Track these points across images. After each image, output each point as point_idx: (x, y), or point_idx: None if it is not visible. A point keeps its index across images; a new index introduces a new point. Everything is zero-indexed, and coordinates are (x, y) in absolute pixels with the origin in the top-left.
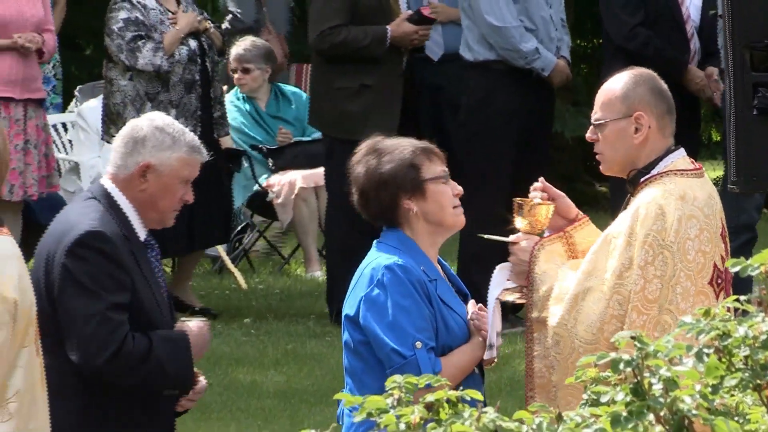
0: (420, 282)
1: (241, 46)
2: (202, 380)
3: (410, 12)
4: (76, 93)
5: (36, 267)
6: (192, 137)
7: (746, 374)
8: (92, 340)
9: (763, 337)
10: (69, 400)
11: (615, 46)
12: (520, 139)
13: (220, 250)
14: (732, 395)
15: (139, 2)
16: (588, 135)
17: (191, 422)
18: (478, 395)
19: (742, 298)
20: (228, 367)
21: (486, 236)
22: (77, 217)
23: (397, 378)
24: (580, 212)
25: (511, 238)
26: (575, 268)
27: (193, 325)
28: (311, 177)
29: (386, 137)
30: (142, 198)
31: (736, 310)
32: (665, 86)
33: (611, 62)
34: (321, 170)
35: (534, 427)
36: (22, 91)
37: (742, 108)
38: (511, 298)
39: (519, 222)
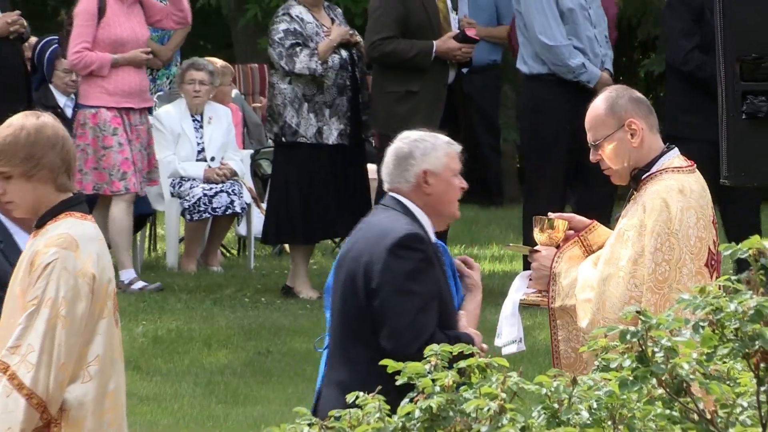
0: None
1: None
2: None
3: (457, 31)
4: (155, 99)
5: (349, 268)
6: (442, 136)
7: (736, 344)
8: (407, 331)
9: (751, 312)
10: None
11: (673, 68)
12: (572, 145)
13: None
14: (724, 362)
15: (297, 16)
16: (591, 158)
17: (255, 384)
18: (504, 362)
19: (734, 277)
20: (286, 337)
21: (512, 246)
22: (389, 223)
23: (434, 347)
24: (593, 221)
25: (533, 248)
26: (593, 261)
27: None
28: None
29: None
30: (431, 200)
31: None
32: (638, 92)
33: (671, 82)
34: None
35: (552, 389)
36: (139, 101)
37: (732, 113)
38: (534, 299)
39: (538, 235)
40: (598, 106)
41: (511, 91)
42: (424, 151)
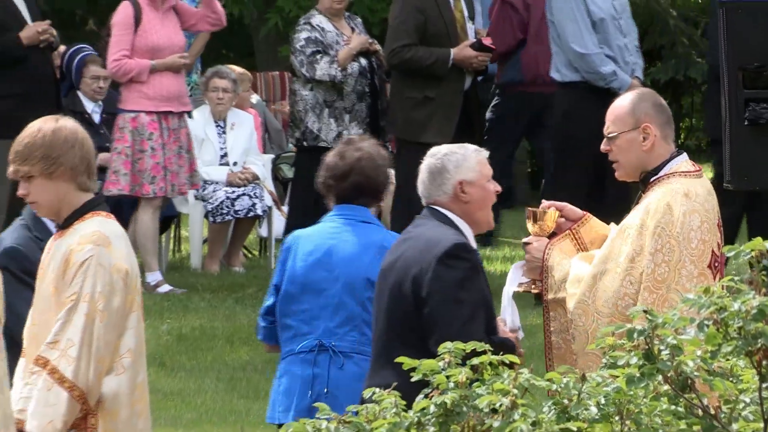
0: None
1: None
2: None
3: (473, 40)
4: None
5: (398, 276)
6: (468, 145)
7: (740, 342)
8: (457, 339)
9: (754, 311)
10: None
11: (716, 74)
12: (599, 150)
13: None
14: (727, 360)
15: (318, 25)
16: (602, 147)
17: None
18: (515, 359)
19: (737, 278)
20: None
21: (504, 239)
22: (437, 233)
23: (448, 344)
24: (586, 213)
25: (524, 240)
26: (586, 259)
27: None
28: None
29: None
30: (469, 207)
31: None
32: (664, 101)
33: (713, 86)
34: None
35: (562, 385)
36: (178, 105)
37: (735, 119)
38: (526, 289)
39: (530, 226)
40: (623, 102)
41: None
42: (457, 164)
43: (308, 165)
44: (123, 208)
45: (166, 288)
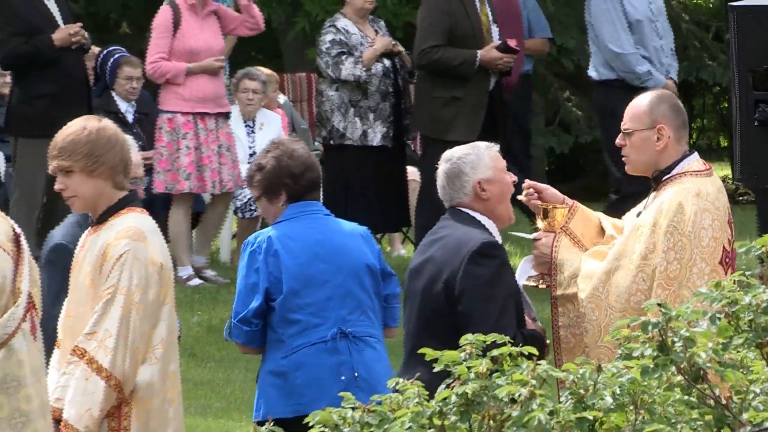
0: None
1: None
2: None
3: (499, 42)
4: None
5: (430, 276)
6: (479, 143)
7: (750, 335)
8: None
9: (765, 304)
10: None
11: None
12: None
13: None
14: (738, 351)
15: (343, 28)
16: (618, 141)
17: None
18: (534, 350)
19: (748, 273)
20: None
21: (515, 233)
22: (465, 234)
23: (470, 336)
24: (567, 198)
25: (533, 235)
26: (595, 255)
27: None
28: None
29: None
30: (491, 204)
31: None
32: (681, 104)
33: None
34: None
35: (579, 375)
36: (214, 107)
37: (746, 120)
38: (535, 283)
39: (540, 222)
40: (642, 101)
41: (539, 98)
42: (473, 165)
43: (335, 162)
44: (155, 205)
45: (196, 281)
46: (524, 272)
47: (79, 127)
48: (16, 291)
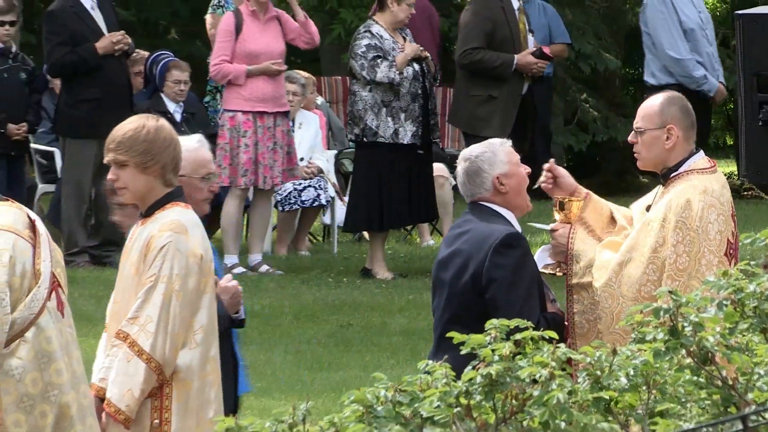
0: None
1: None
2: None
3: (535, 48)
4: None
5: (458, 267)
6: (492, 140)
7: (755, 320)
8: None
9: None
10: None
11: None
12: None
13: None
14: (744, 336)
15: (377, 33)
16: (630, 138)
17: (337, 353)
18: (554, 335)
19: (752, 263)
20: (365, 312)
21: (532, 224)
22: (489, 227)
23: (494, 321)
24: (581, 187)
25: (551, 226)
26: (608, 246)
27: None
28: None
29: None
30: (509, 196)
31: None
32: (690, 106)
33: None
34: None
35: (596, 358)
36: (273, 106)
37: (750, 120)
38: (552, 271)
39: (557, 214)
40: (653, 102)
41: (559, 100)
42: (490, 162)
43: (367, 158)
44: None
45: (240, 270)
46: (541, 260)
47: (138, 124)
48: (37, 273)
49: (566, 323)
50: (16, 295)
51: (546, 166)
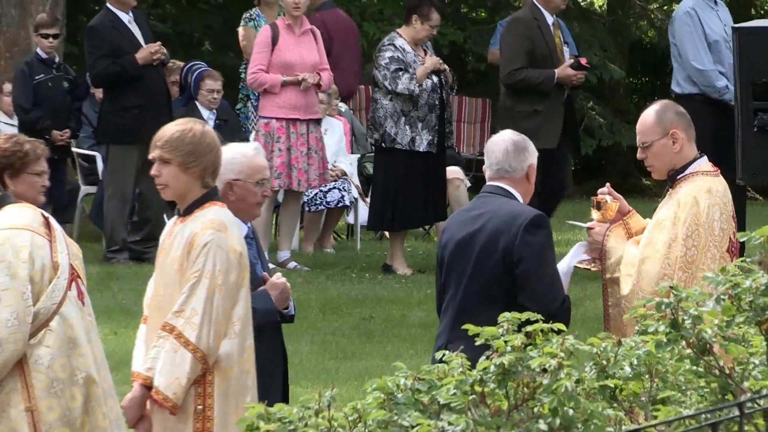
0: None
1: None
2: None
3: (572, 60)
4: None
5: (485, 244)
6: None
7: (750, 314)
8: (547, 294)
9: (763, 287)
10: None
11: None
12: (715, 147)
13: None
14: (740, 328)
15: (400, 46)
16: (639, 155)
17: (360, 343)
18: (563, 327)
19: (748, 260)
20: (386, 305)
21: (570, 222)
22: (515, 207)
23: (507, 314)
24: (631, 208)
25: (588, 224)
26: (636, 243)
27: None
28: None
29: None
30: (529, 189)
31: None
32: (681, 108)
33: None
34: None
35: (601, 348)
36: (305, 113)
37: (747, 126)
38: (588, 266)
39: (594, 214)
40: (649, 115)
41: None
42: (532, 149)
43: (386, 163)
44: None
45: (293, 264)
46: (576, 255)
47: (186, 127)
48: (56, 265)
49: (604, 314)
50: (37, 287)
51: (603, 189)
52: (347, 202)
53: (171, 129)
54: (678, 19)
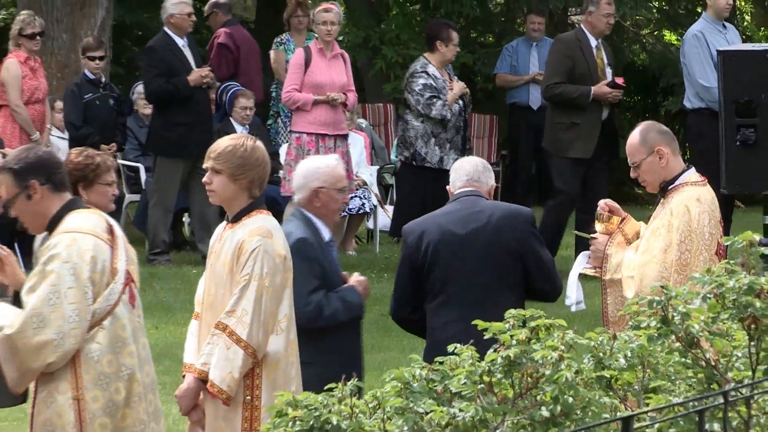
0: None
1: None
2: None
3: (609, 80)
4: None
5: (492, 236)
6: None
7: (734, 311)
8: (555, 275)
9: (745, 287)
10: None
11: None
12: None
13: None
14: (724, 323)
15: (432, 74)
16: (632, 174)
17: (379, 337)
18: (563, 323)
19: (732, 262)
20: None
21: (577, 232)
22: (508, 205)
23: (512, 311)
24: (626, 214)
25: (592, 235)
26: (635, 249)
27: None
28: None
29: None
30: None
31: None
32: (662, 125)
33: None
34: None
35: (598, 342)
36: (333, 129)
37: (730, 140)
38: (591, 272)
39: (598, 226)
40: (634, 137)
41: None
42: (493, 174)
43: (414, 178)
44: (278, 203)
45: None
46: (580, 263)
47: (239, 141)
48: (114, 270)
49: (603, 312)
50: (96, 289)
51: (602, 203)
52: (368, 209)
53: (225, 142)
54: (687, 41)
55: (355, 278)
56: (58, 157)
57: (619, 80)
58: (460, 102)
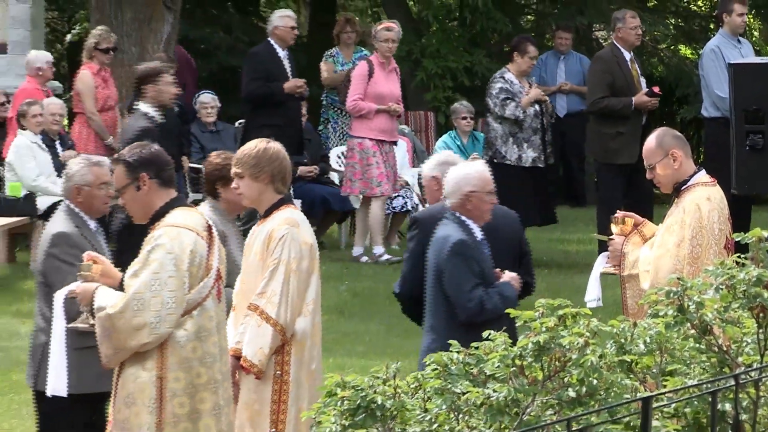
0: None
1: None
2: None
3: (647, 89)
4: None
5: (510, 235)
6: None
7: (744, 301)
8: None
9: (754, 279)
10: None
11: None
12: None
13: None
14: (735, 312)
15: (509, 80)
16: (647, 176)
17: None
18: (589, 312)
19: (742, 256)
20: None
21: (595, 235)
22: (500, 206)
23: (542, 300)
24: (644, 219)
25: (609, 237)
26: (650, 246)
27: None
28: None
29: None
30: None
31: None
32: (675, 131)
33: None
34: None
35: (620, 329)
36: (389, 136)
37: (740, 146)
38: (610, 270)
39: (614, 228)
40: (651, 141)
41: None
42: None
43: (496, 175)
44: (315, 205)
45: (386, 257)
46: (600, 264)
47: (252, 145)
48: (208, 266)
49: (623, 304)
50: (191, 281)
51: (618, 213)
52: (409, 207)
53: (242, 150)
54: (705, 55)
55: (510, 275)
56: (168, 156)
57: (656, 89)
58: (537, 106)
